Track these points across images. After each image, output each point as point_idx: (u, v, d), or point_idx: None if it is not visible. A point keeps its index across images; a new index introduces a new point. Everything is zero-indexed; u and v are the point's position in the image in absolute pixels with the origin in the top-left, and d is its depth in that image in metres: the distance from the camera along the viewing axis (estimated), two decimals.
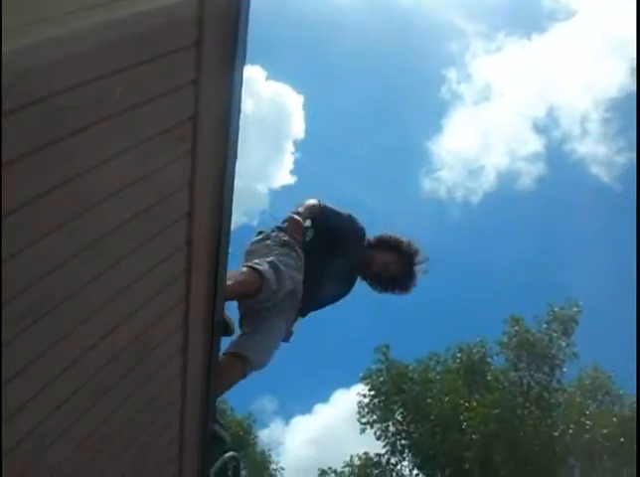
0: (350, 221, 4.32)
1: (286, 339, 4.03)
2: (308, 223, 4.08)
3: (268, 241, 3.93)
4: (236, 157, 2.57)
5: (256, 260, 3.62)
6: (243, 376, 3.69)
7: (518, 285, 33.64)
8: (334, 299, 4.44)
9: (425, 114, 46.76)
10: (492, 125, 41.52)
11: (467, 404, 17.92)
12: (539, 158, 41.92)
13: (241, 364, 3.63)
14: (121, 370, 2.70)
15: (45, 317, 2.15)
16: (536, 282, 33.32)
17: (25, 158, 1.77)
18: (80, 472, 2.87)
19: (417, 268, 4.43)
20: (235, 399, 22.88)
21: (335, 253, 4.17)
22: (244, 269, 3.56)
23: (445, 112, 50.83)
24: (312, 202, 4.19)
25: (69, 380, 2.42)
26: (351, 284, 4.47)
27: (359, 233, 4.35)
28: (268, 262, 3.61)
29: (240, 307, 3.78)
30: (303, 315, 4.28)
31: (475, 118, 41.54)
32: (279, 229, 3.99)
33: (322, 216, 4.16)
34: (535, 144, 39.77)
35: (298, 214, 4.05)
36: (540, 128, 40.36)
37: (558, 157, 38.20)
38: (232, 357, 3.57)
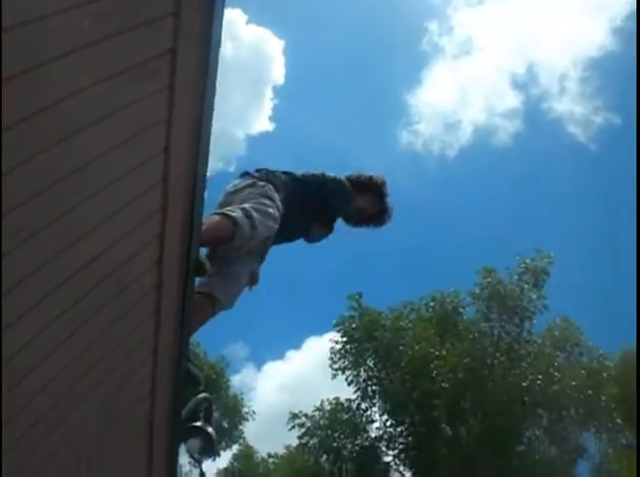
0: (323, 177, 4.32)
1: (253, 283, 4.06)
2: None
3: (252, 189, 3.92)
4: (214, 95, 2.53)
5: (229, 208, 3.60)
6: (213, 315, 3.73)
7: (491, 237, 34.03)
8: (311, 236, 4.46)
9: (405, 66, 46.60)
10: (471, 79, 41.45)
11: (438, 353, 18.15)
12: (516, 114, 42.04)
13: (211, 303, 3.66)
14: (97, 303, 2.70)
15: (21, 246, 2.14)
16: (508, 235, 33.71)
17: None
18: (54, 406, 2.88)
19: (389, 202, 4.53)
20: (207, 345, 23.06)
21: (319, 206, 4.22)
22: (217, 217, 3.54)
23: (425, 65, 50.59)
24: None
25: (44, 309, 2.42)
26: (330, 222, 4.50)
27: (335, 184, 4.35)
28: (242, 209, 3.60)
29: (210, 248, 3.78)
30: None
31: (455, 72, 41.50)
32: (267, 178, 3.97)
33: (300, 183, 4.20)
34: (513, 100, 39.91)
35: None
36: (518, 84, 40.51)
37: (535, 114, 38.37)
38: (202, 296, 3.60)
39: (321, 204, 4.23)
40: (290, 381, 34.34)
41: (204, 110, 2.51)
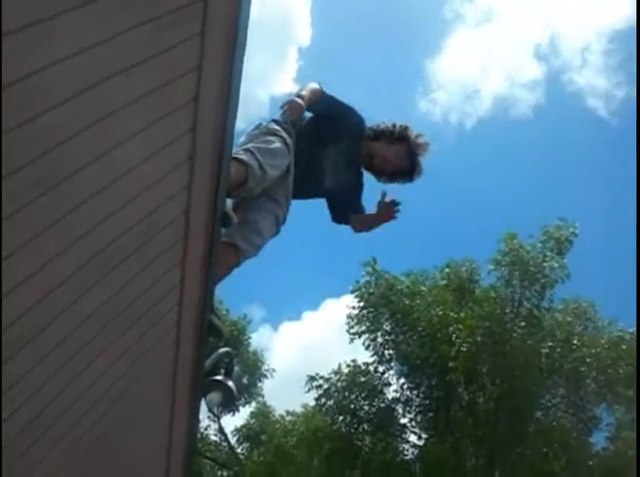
0: (349, 109, 4.32)
1: (279, 227, 4.04)
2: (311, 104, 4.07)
3: (256, 131, 3.92)
4: (245, 45, 2.53)
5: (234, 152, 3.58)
6: (237, 264, 3.74)
7: (511, 207, 33.68)
8: (342, 188, 4.40)
9: (426, 32, 45.77)
10: (492, 49, 40.77)
11: (456, 316, 18.15)
12: (537, 86, 41.32)
13: (234, 252, 3.68)
14: (124, 252, 2.73)
15: (53, 190, 2.16)
16: (529, 206, 33.38)
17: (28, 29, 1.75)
18: (81, 350, 2.93)
19: (421, 159, 4.41)
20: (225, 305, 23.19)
21: (332, 138, 4.16)
22: None
23: (446, 32, 49.85)
24: (314, 86, 4.17)
25: (74, 255, 2.45)
26: (358, 175, 4.48)
27: (357, 120, 4.35)
28: (245, 150, 3.60)
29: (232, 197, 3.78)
30: (306, 196, 4.34)
31: (475, 41, 40.75)
32: (274, 120, 3.97)
33: (323, 101, 4.14)
34: (534, 71, 39.23)
35: (300, 96, 4.02)
36: (540, 55, 39.66)
37: (556, 86, 37.71)
38: (224, 246, 3.59)
39: (337, 134, 4.20)
40: (307, 341, 34.61)
41: (235, 59, 2.50)
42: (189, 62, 2.36)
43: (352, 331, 20.01)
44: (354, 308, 19.98)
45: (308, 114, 4.20)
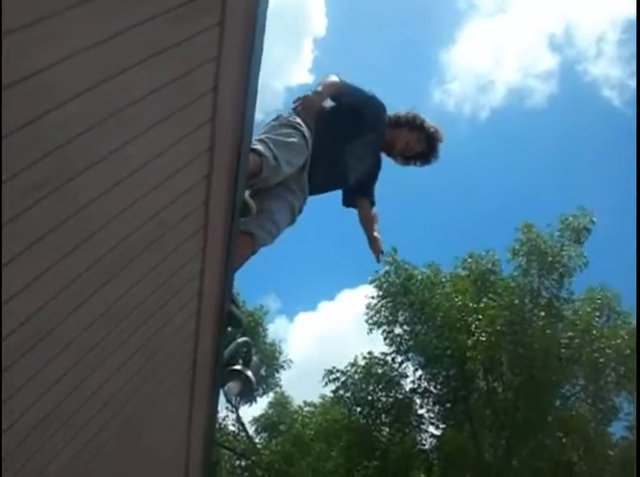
0: (371, 97, 4.35)
1: (294, 217, 4.06)
2: (328, 101, 4.06)
3: (275, 122, 3.92)
4: (263, 35, 2.52)
5: None
6: (253, 252, 3.76)
7: (526, 198, 33.46)
8: (362, 178, 4.44)
9: (440, 22, 45.45)
10: (506, 39, 40.46)
11: (475, 306, 18.08)
12: (551, 76, 41.00)
13: (250, 240, 3.68)
14: (141, 244, 2.73)
15: (64, 186, 2.16)
16: (546, 195, 33.17)
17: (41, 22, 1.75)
18: (97, 346, 2.94)
19: (439, 146, 4.54)
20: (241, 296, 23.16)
21: (357, 130, 4.17)
22: None
23: (460, 22, 49.49)
24: (332, 79, 4.17)
25: (87, 252, 2.45)
26: (377, 160, 4.52)
27: (380, 109, 4.40)
28: (259, 141, 3.61)
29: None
30: (327, 190, 4.36)
31: (490, 31, 40.45)
32: (295, 112, 3.96)
33: (342, 93, 4.13)
34: (549, 62, 38.91)
35: (318, 93, 4.02)
36: (555, 46, 39.26)
37: (570, 77, 37.38)
38: (240, 234, 3.60)
39: (358, 124, 4.21)
40: (324, 332, 34.54)
41: (254, 50, 2.49)
42: (208, 52, 2.36)
43: (370, 321, 19.95)
44: (372, 298, 19.93)
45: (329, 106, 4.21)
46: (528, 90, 39.75)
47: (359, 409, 19.75)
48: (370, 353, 20.26)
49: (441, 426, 19.92)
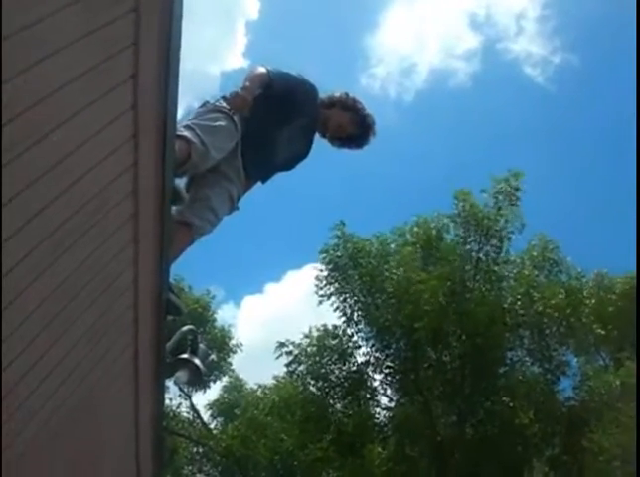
0: (301, 81, 4.34)
1: (233, 204, 4.05)
2: (259, 92, 4.02)
3: (202, 109, 3.89)
4: (181, 17, 2.50)
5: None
6: (191, 241, 3.74)
7: (458, 170, 33.91)
8: (295, 160, 4.50)
9: (365, 6, 45.45)
10: (428, 21, 40.64)
11: (420, 277, 18.26)
12: (474, 56, 41.38)
13: (187, 230, 3.67)
14: (74, 234, 2.70)
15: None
16: (475, 167, 33.64)
17: None
18: (36, 337, 2.90)
19: (371, 129, 4.56)
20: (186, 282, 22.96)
21: (289, 116, 4.18)
22: None
23: (384, 5, 49.44)
24: (259, 70, 4.10)
25: (20, 243, 2.42)
26: (309, 143, 4.52)
27: (310, 93, 4.40)
28: (185, 127, 3.60)
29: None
30: (264, 181, 4.35)
31: (411, 13, 40.58)
32: (223, 98, 3.93)
33: (271, 82, 4.09)
34: (471, 41, 39.40)
35: (246, 89, 3.90)
36: (476, 25, 39.65)
37: (492, 55, 37.91)
38: (177, 224, 3.59)
39: (290, 108, 4.21)
40: (272, 313, 34.54)
41: (172, 34, 2.47)
42: (125, 39, 2.33)
43: (320, 293, 19.91)
44: (321, 271, 19.93)
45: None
46: (451, 71, 40.10)
47: (312, 383, 19.84)
48: (323, 325, 20.34)
49: (394, 398, 20.18)
